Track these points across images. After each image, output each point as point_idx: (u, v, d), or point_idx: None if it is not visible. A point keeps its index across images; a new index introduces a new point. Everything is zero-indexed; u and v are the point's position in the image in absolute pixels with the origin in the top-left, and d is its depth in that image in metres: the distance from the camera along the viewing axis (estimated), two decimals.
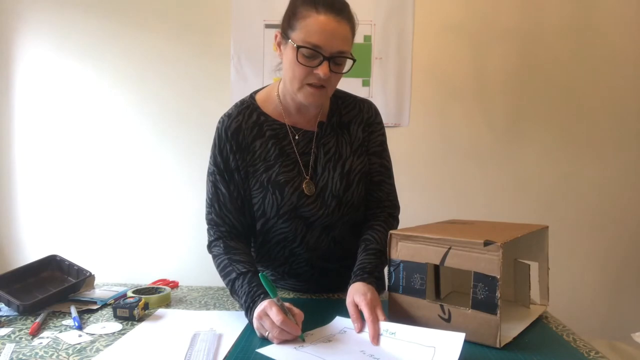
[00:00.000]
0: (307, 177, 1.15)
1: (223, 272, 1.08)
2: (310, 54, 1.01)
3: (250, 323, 0.96)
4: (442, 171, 2.33)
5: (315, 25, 1.00)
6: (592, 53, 2.27)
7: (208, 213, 1.17)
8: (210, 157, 1.17)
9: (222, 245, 1.11)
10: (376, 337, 0.89)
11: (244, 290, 1.00)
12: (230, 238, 1.14)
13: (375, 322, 0.91)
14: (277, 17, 1.11)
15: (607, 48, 2.27)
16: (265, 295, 0.95)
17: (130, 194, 2.39)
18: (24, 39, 2.37)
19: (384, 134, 1.25)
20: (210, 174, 1.17)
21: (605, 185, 2.31)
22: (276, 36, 1.10)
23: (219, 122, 1.17)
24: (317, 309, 1.11)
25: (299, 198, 1.13)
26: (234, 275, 1.04)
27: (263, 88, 1.24)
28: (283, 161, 1.14)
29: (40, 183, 2.42)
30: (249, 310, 0.97)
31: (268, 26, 2.27)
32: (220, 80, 2.31)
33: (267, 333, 0.91)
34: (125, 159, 2.39)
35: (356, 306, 0.96)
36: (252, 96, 1.20)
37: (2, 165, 2.42)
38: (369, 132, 1.22)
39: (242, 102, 1.20)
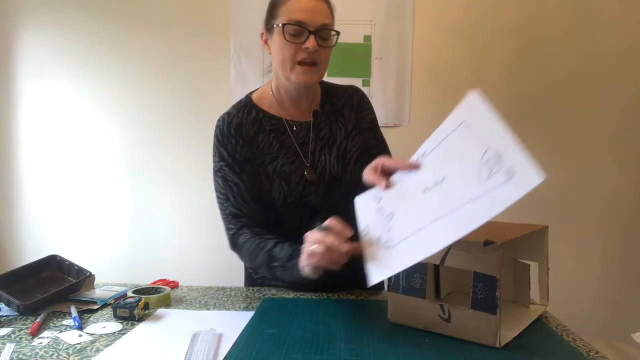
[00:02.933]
0: (308, 164, 1.19)
1: (255, 250, 1.07)
2: (296, 31, 1.07)
3: (295, 275, 0.99)
4: None
5: (296, 4, 1.08)
6: (592, 53, 2.27)
7: (224, 210, 1.16)
8: (214, 156, 1.18)
9: (248, 231, 1.12)
10: (409, 163, 0.91)
11: (285, 251, 1.01)
12: (254, 226, 1.14)
13: (401, 160, 0.94)
14: None
15: (608, 48, 2.27)
16: None
17: (130, 193, 2.39)
18: (24, 40, 2.37)
19: (373, 113, 1.31)
20: (218, 170, 1.17)
21: (605, 185, 2.31)
22: (262, 35, 1.16)
23: (218, 121, 1.19)
24: (317, 309, 1.11)
25: (304, 187, 1.17)
26: (270, 244, 1.05)
27: (257, 89, 1.27)
28: (285, 153, 1.18)
29: (40, 183, 2.42)
30: (293, 257, 0.97)
31: None
32: (220, 80, 2.31)
33: (321, 256, 0.90)
34: (125, 159, 2.39)
35: (374, 171, 0.97)
36: (247, 96, 1.25)
37: (2, 166, 2.42)
38: (360, 112, 1.28)
39: (239, 102, 1.24)
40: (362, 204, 0.98)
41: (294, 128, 1.21)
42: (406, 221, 0.84)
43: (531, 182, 0.76)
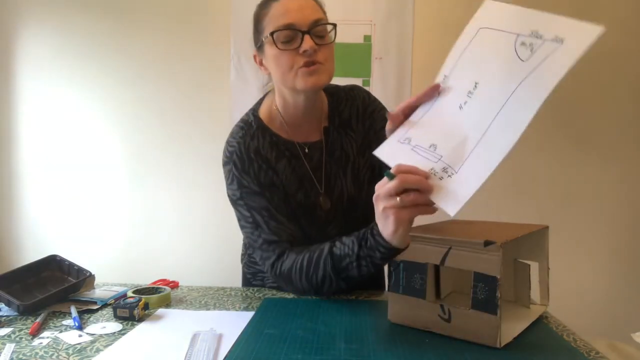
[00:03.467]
0: (322, 191, 1.10)
1: (310, 266, 0.93)
2: (288, 36, 0.97)
3: (379, 257, 0.87)
4: None
5: (279, 8, 0.98)
6: (591, 52, 2.26)
7: (255, 240, 1.01)
8: (230, 185, 1.05)
9: (291, 253, 0.97)
10: (428, 89, 0.83)
11: (348, 242, 0.89)
12: (294, 247, 1.01)
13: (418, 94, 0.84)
14: None
15: (607, 47, 2.27)
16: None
17: (130, 193, 2.39)
18: (24, 39, 2.37)
19: (383, 108, 1.20)
20: (238, 199, 1.03)
21: (605, 185, 2.31)
22: (254, 57, 1.07)
23: (232, 147, 1.07)
24: (317, 309, 1.11)
25: (326, 217, 1.10)
26: (325, 247, 0.92)
27: (260, 104, 1.16)
28: (301, 182, 1.09)
29: (40, 183, 2.42)
30: (366, 238, 0.85)
31: None
32: (220, 80, 2.31)
33: (412, 205, 0.77)
34: (125, 158, 2.39)
35: (395, 119, 0.87)
36: (255, 115, 1.12)
37: (2, 166, 2.42)
38: (370, 116, 1.18)
39: (248, 124, 1.10)
40: (389, 151, 0.84)
41: (306, 150, 1.10)
42: (457, 142, 0.75)
43: (590, 35, 0.70)
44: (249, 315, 1.06)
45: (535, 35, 0.75)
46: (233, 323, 1.01)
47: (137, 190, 2.39)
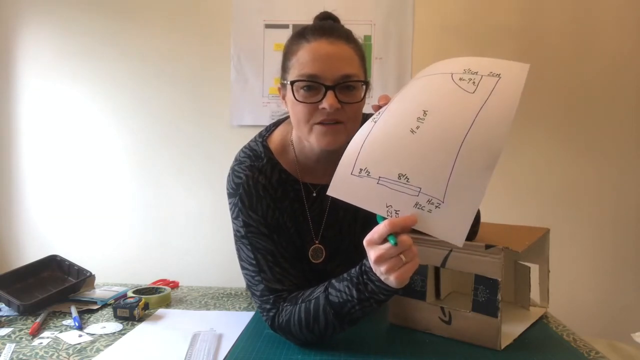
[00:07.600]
0: (317, 242, 1.02)
1: (308, 319, 0.86)
2: (310, 88, 0.87)
3: (379, 299, 0.82)
4: None
5: (307, 54, 0.88)
6: (592, 53, 2.27)
7: (255, 284, 0.93)
8: (235, 219, 0.97)
9: (287, 304, 0.89)
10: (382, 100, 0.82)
11: (342, 287, 0.83)
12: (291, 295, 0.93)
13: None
14: (277, 17, 1.07)
15: (608, 48, 2.27)
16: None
17: (130, 193, 2.39)
18: (25, 37, 2.37)
19: None
20: (242, 237, 0.95)
21: (605, 186, 2.31)
22: (279, 90, 0.97)
23: (238, 178, 0.98)
24: None
25: (324, 264, 1.03)
26: (321, 295, 0.85)
27: (270, 131, 1.05)
28: (297, 229, 1.01)
29: (41, 183, 2.42)
30: (367, 282, 0.80)
31: (268, 26, 2.27)
32: (220, 80, 2.31)
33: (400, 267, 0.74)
34: (126, 158, 2.38)
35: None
36: (265, 146, 1.01)
37: (3, 165, 2.42)
38: None
39: (257, 155, 1.01)
40: (347, 189, 0.78)
41: (313, 194, 1.01)
42: (428, 168, 0.72)
43: (522, 69, 0.76)
44: (249, 315, 1.06)
45: (470, 72, 0.76)
46: (233, 323, 1.01)
47: (137, 190, 2.39)
